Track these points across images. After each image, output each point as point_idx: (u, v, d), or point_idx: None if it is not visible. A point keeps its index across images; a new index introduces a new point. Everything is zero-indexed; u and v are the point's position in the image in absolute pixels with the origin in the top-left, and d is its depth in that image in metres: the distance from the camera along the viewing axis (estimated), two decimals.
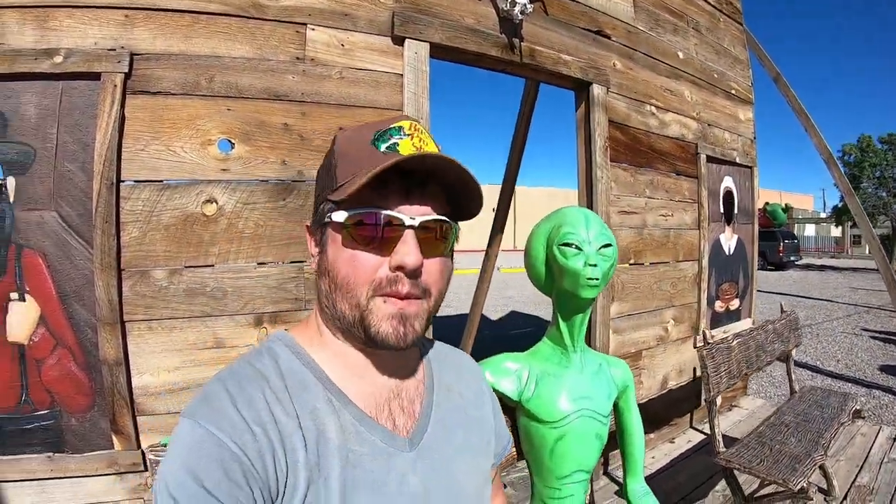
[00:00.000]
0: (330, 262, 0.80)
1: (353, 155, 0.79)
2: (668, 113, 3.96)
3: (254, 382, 0.76)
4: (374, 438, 0.81)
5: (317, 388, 0.80)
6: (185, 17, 2.13)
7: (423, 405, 0.91)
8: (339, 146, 0.82)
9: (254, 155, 2.19)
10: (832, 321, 10.76)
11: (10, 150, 1.95)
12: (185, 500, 0.65)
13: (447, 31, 2.61)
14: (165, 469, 0.69)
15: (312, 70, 2.30)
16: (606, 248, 1.46)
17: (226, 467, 0.67)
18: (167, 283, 2.08)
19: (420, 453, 0.85)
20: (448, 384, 0.99)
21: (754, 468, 2.60)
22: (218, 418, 0.70)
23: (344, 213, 0.76)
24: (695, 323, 4.23)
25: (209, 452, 0.68)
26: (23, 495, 1.99)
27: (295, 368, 0.81)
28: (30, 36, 1.98)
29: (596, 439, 1.55)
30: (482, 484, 0.97)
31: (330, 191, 0.80)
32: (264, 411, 0.73)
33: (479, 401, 1.05)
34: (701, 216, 4.25)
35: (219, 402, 0.73)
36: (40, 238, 1.97)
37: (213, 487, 0.66)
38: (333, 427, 0.78)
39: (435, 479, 0.85)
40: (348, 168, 0.78)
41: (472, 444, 0.97)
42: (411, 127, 0.81)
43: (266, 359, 0.81)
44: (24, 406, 1.99)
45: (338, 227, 0.78)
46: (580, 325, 1.56)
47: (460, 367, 1.07)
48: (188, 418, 0.71)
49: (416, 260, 0.75)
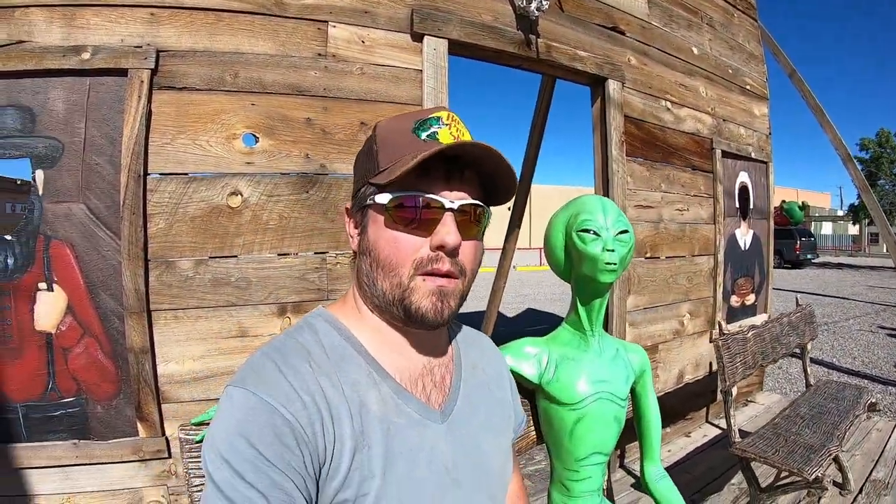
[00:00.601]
0: (371, 243, 0.84)
1: (394, 142, 0.84)
2: (684, 108, 3.96)
3: (298, 355, 0.80)
4: (410, 410, 0.85)
5: (357, 361, 0.84)
6: (209, 14, 2.18)
7: (452, 381, 0.96)
8: (380, 134, 0.87)
9: (277, 149, 2.23)
10: (849, 319, 10.66)
11: (39, 145, 2.00)
12: (237, 462, 0.68)
13: (465, 27, 2.64)
14: (216, 434, 0.71)
15: (334, 66, 2.34)
16: (623, 234, 1.48)
17: (278, 432, 0.70)
18: (193, 274, 2.12)
19: (450, 426, 0.89)
20: (473, 362, 1.04)
21: (769, 458, 2.60)
22: (269, 387, 0.73)
23: (388, 195, 0.81)
24: (710, 317, 4.22)
25: (262, 418, 0.70)
26: (48, 481, 2.04)
27: (336, 343, 0.85)
28: (57, 33, 2.03)
29: (614, 422, 1.56)
30: (504, 459, 1.02)
31: (372, 175, 0.84)
32: (311, 381, 0.76)
33: (500, 380, 1.11)
34: (716, 211, 4.24)
35: (267, 372, 0.76)
36: (68, 229, 2.02)
37: (266, 450, 0.69)
38: (374, 399, 0.81)
39: (462, 451, 0.89)
40: (390, 154, 0.83)
41: (495, 420, 1.02)
42: (449, 117, 0.85)
43: (307, 333, 0.85)
44: (51, 393, 2.04)
45: (380, 209, 0.82)
46: (598, 309, 1.58)
47: (483, 347, 1.13)
48: (238, 387, 0.74)
49: (455, 239, 0.80)
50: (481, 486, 0.91)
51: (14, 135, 1.99)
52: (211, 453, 0.70)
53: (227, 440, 0.69)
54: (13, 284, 2.00)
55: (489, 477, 0.94)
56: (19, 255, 2.00)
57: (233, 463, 0.68)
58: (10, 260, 1.99)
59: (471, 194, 0.85)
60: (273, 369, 0.76)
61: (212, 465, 0.70)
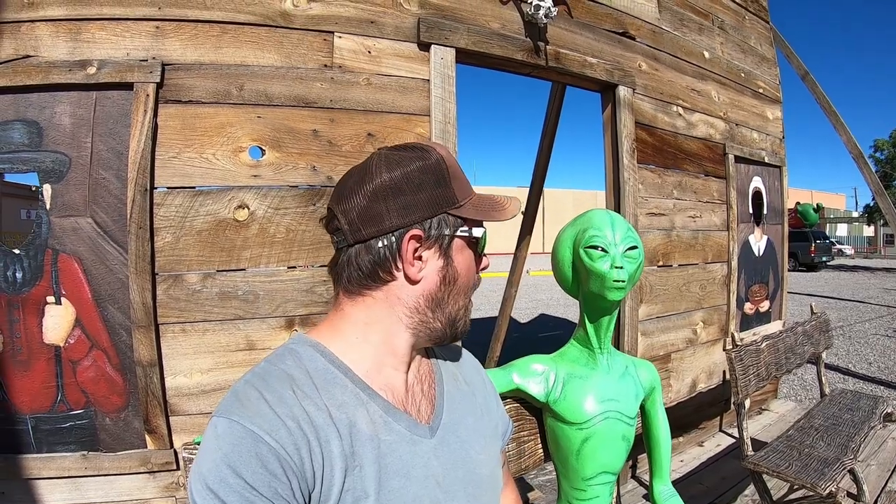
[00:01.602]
0: (460, 272, 0.91)
1: (462, 179, 0.91)
2: (695, 113, 3.93)
3: (281, 381, 0.79)
4: (400, 427, 0.85)
5: (343, 383, 0.84)
6: (214, 27, 2.18)
7: (437, 393, 0.97)
8: (449, 163, 0.89)
9: (284, 161, 2.22)
10: (864, 322, 10.51)
11: (46, 159, 2.01)
12: (225, 493, 0.68)
13: (473, 36, 2.62)
14: (203, 466, 0.71)
15: (340, 77, 2.33)
16: (632, 250, 1.46)
17: (264, 460, 0.70)
18: (200, 287, 2.12)
19: (439, 439, 0.90)
20: (453, 373, 1.06)
21: (782, 472, 2.56)
22: (252, 415, 0.73)
23: (482, 229, 0.92)
24: (724, 325, 4.18)
25: (247, 447, 0.70)
26: (57, 492, 2.05)
27: (320, 366, 0.85)
28: (63, 48, 2.04)
29: (622, 441, 1.54)
30: (495, 466, 1.03)
31: (451, 206, 0.87)
32: (296, 407, 0.76)
33: (481, 388, 1.11)
34: (730, 217, 4.19)
35: (251, 401, 0.75)
36: (76, 243, 2.03)
37: (252, 479, 0.68)
38: (363, 418, 0.82)
39: (452, 463, 0.90)
40: (463, 190, 0.90)
41: (482, 428, 1.03)
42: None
43: (289, 359, 0.84)
44: (60, 406, 2.05)
45: (471, 241, 0.92)
46: (607, 327, 1.57)
47: (458, 357, 1.13)
48: (223, 416, 0.74)
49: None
50: (473, 497, 0.92)
51: (21, 149, 2.00)
52: (197, 484, 0.70)
53: (214, 470, 0.69)
54: (22, 298, 2.01)
55: (480, 487, 0.95)
56: (27, 269, 2.01)
57: (220, 494, 0.68)
58: (18, 274, 2.00)
59: None
60: (257, 398, 0.76)
61: (199, 496, 0.69)
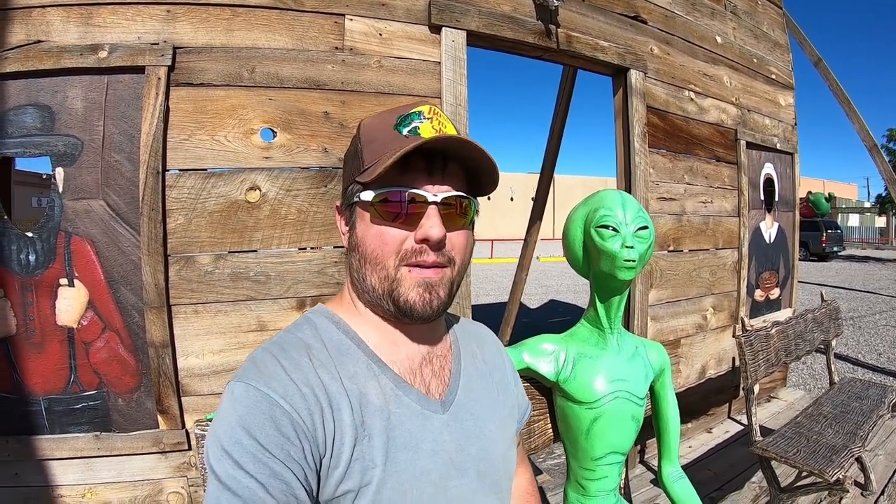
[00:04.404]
0: (359, 239, 0.86)
1: (377, 140, 0.85)
2: (707, 98, 3.89)
3: (298, 349, 0.81)
4: (410, 401, 0.86)
5: (357, 354, 0.86)
6: (225, 10, 2.17)
7: (452, 371, 0.97)
8: (363, 132, 0.88)
9: (295, 143, 2.23)
10: (875, 314, 10.47)
11: (59, 143, 2.02)
12: (238, 454, 0.69)
13: (483, 18, 2.61)
14: (219, 428, 0.72)
15: (351, 59, 2.32)
16: (643, 230, 1.45)
17: (278, 423, 0.71)
18: (212, 268, 2.13)
19: (452, 415, 0.91)
20: (472, 351, 1.05)
21: (790, 458, 2.55)
22: (269, 380, 0.75)
23: (371, 192, 0.82)
24: (734, 312, 4.16)
25: (262, 410, 0.72)
26: (70, 472, 2.08)
27: (335, 337, 0.87)
28: (74, 33, 2.05)
29: (631, 421, 1.54)
30: (509, 446, 1.02)
31: (357, 173, 0.86)
32: (311, 374, 0.78)
33: (500, 368, 1.11)
34: (741, 203, 4.17)
35: (267, 366, 0.77)
36: (88, 226, 2.04)
37: (266, 441, 0.70)
38: (374, 390, 0.83)
39: (464, 440, 0.90)
40: (373, 152, 0.84)
41: (498, 408, 1.02)
42: (431, 111, 0.86)
43: (307, 329, 0.87)
44: (73, 387, 2.07)
45: (366, 206, 0.84)
46: (617, 307, 1.56)
47: (481, 336, 1.14)
48: (240, 381, 0.75)
49: (439, 232, 0.81)
50: (485, 474, 0.92)
51: (34, 133, 2.01)
52: (213, 447, 0.71)
53: (229, 433, 0.71)
54: (35, 280, 2.03)
55: (492, 465, 0.94)
56: (41, 252, 2.02)
57: (233, 454, 0.69)
58: (31, 256, 2.02)
59: (454, 187, 0.86)
60: (273, 363, 0.78)
61: (214, 457, 0.71)
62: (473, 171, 0.89)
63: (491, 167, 0.87)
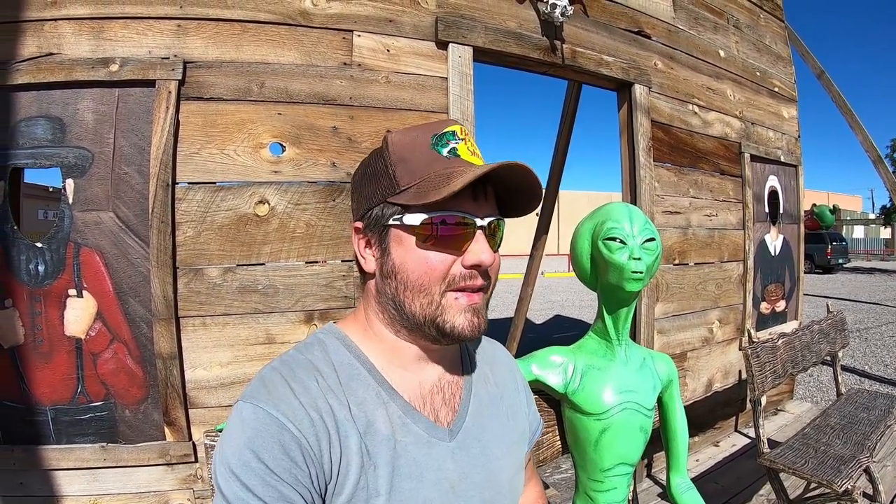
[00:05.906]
0: (397, 265, 0.82)
1: (412, 159, 0.82)
2: (711, 112, 3.91)
3: (307, 371, 0.81)
4: (418, 429, 0.85)
5: (366, 380, 0.85)
6: (235, 26, 2.20)
7: (463, 396, 0.96)
8: (393, 149, 0.84)
9: (304, 157, 2.24)
10: (881, 325, 10.42)
11: (69, 154, 2.04)
12: (246, 476, 0.69)
13: (489, 34, 2.63)
14: (227, 449, 0.73)
15: (359, 75, 2.35)
16: (650, 241, 1.46)
17: (286, 447, 0.72)
18: (221, 281, 2.14)
19: (459, 443, 0.89)
20: (485, 374, 1.04)
21: (798, 469, 2.55)
22: (278, 402, 0.75)
23: (421, 216, 0.79)
24: (740, 325, 4.15)
25: (271, 434, 0.72)
26: (76, 483, 2.08)
27: (345, 360, 0.85)
28: (86, 46, 2.07)
29: (640, 432, 1.54)
30: (516, 471, 1.01)
31: (391, 193, 0.82)
32: (320, 399, 0.78)
33: (512, 390, 1.09)
34: (746, 216, 4.17)
35: (277, 388, 0.77)
36: (98, 237, 2.06)
37: (274, 465, 0.70)
38: (381, 418, 0.82)
39: (470, 468, 0.89)
40: (411, 172, 0.81)
41: (507, 433, 1.01)
42: (462, 132, 0.85)
43: (317, 350, 0.86)
44: (80, 397, 2.08)
45: (409, 230, 0.81)
46: (625, 318, 1.57)
47: (494, 356, 1.11)
48: (249, 402, 0.75)
49: (490, 257, 0.81)
50: (489, 501, 0.91)
51: (45, 144, 2.03)
52: (221, 467, 0.72)
53: (237, 455, 0.71)
54: (44, 291, 2.04)
55: (498, 493, 0.94)
56: (50, 262, 2.04)
57: (242, 477, 0.70)
58: (41, 267, 2.03)
59: (493, 209, 0.85)
60: (282, 385, 0.77)
61: (222, 478, 0.71)
62: (507, 193, 0.88)
63: (536, 192, 0.86)
